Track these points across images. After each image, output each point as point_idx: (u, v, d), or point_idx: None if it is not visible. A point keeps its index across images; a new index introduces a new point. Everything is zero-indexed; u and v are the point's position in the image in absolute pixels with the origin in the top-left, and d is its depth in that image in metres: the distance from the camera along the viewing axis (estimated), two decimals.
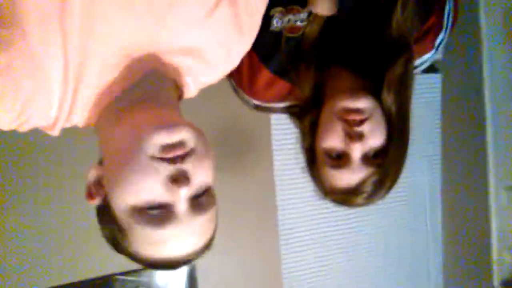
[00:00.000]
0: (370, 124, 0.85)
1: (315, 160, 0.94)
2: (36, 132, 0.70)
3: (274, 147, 1.96)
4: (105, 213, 0.66)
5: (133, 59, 0.67)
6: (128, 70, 0.67)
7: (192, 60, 0.73)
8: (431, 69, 2.27)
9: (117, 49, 0.65)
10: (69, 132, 0.73)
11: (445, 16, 0.95)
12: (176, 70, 0.73)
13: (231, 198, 1.82)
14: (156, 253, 0.64)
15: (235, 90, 1.04)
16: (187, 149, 0.62)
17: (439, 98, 2.20)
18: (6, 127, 0.63)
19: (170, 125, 0.62)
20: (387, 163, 0.86)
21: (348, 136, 0.85)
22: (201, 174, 0.63)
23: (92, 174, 0.68)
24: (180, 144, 0.61)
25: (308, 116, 0.94)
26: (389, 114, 0.87)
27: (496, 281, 2.33)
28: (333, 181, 0.90)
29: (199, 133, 0.65)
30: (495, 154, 2.25)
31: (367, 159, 0.86)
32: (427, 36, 0.95)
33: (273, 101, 1.02)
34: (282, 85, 0.98)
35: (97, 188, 0.67)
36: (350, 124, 0.85)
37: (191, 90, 0.78)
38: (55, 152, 1.62)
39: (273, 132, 1.94)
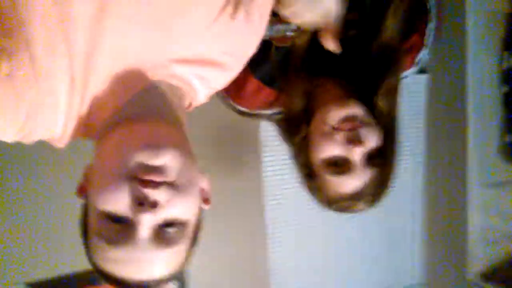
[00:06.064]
0: (365, 128, 0.88)
1: (314, 173, 0.95)
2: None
3: (262, 145, 1.96)
4: (84, 214, 0.65)
5: (138, 70, 0.65)
6: (132, 81, 0.66)
7: (202, 68, 0.71)
8: (419, 70, 2.30)
9: (122, 61, 0.64)
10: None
11: (427, 34, 0.99)
12: (184, 79, 0.71)
13: (219, 197, 1.85)
14: (106, 268, 0.62)
15: (221, 96, 1.04)
16: (167, 178, 0.59)
17: (423, 99, 2.24)
18: (10, 139, 0.62)
19: (156, 147, 0.60)
20: (387, 162, 0.90)
21: (349, 142, 0.87)
22: (175, 210, 0.60)
23: (85, 172, 0.67)
24: (161, 169, 0.59)
25: (300, 131, 0.95)
26: (380, 116, 0.91)
27: (470, 274, 2.44)
28: (338, 188, 0.91)
29: (186, 163, 0.62)
30: (474, 153, 2.33)
31: (367, 161, 0.88)
32: (409, 54, 0.99)
33: (259, 108, 1.03)
34: (268, 93, 1.00)
35: (86, 185, 0.66)
36: (348, 131, 0.87)
37: (200, 97, 0.76)
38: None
39: (262, 133, 1.94)
